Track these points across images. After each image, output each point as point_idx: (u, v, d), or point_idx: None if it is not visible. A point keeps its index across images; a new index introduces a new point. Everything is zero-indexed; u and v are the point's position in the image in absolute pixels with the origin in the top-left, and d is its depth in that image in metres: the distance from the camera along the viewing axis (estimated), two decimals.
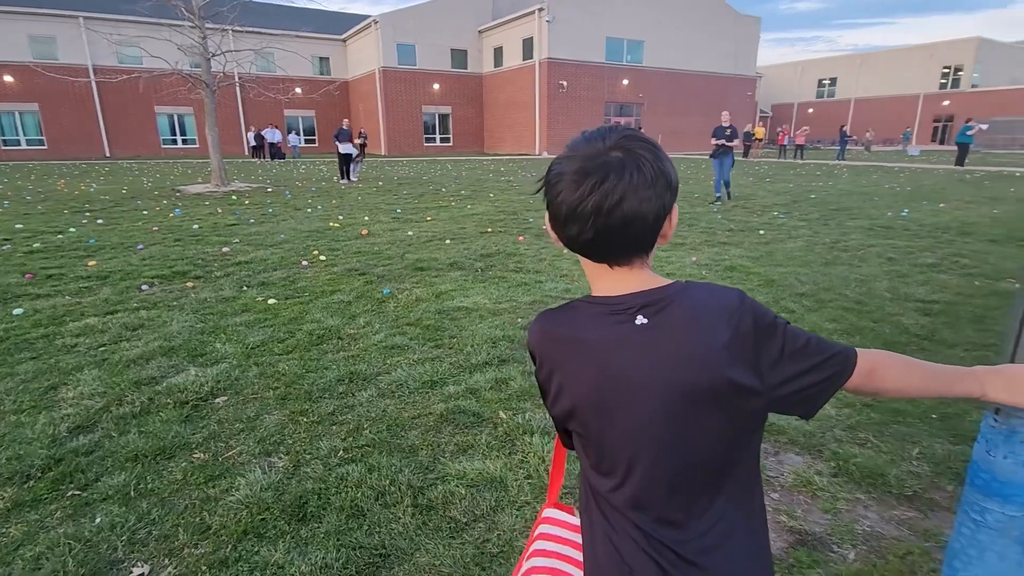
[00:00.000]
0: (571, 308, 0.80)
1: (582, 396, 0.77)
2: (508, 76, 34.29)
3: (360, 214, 9.09)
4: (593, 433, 0.77)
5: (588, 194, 0.70)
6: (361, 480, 2.12)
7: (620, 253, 0.74)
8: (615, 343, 0.74)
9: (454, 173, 18.46)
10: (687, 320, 0.73)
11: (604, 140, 0.72)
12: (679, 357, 0.72)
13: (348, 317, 4.00)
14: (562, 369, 0.78)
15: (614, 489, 0.78)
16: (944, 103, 41.77)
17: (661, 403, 0.72)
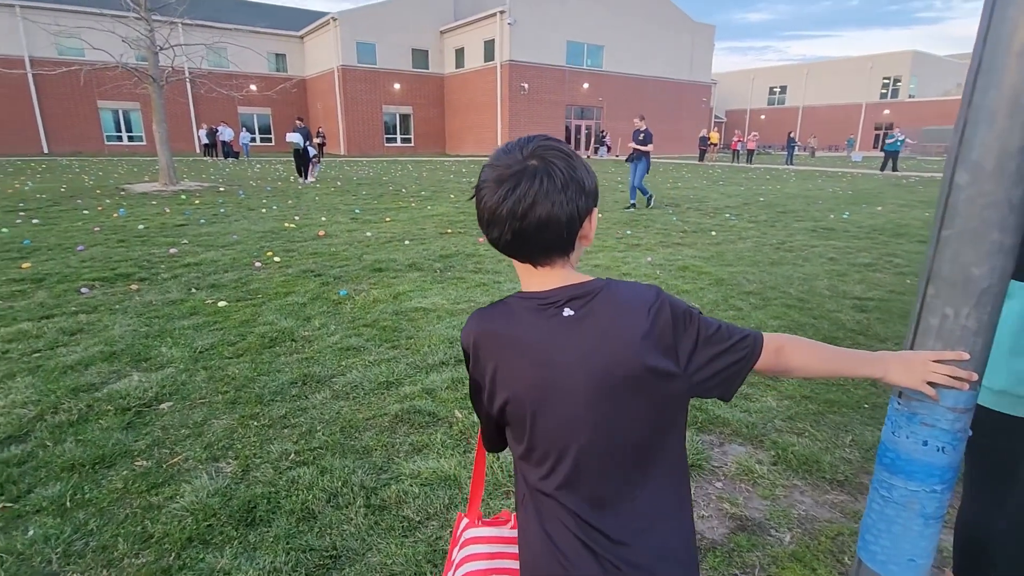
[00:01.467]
0: (503, 305, 0.84)
1: (518, 386, 0.80)
2: (470, 77, 34.24)
3: (317, 215, 8.91)
4: (527, 421, 0.81)
5: (503, 199, 0.75)
6: (313, 483, 2.10)
7: (540, 254, 0.79)
8: (546, 334, 0.79)
9: (415, 174, 18.31)
10: (610, 312, 0.79)
11: (522, 150, 0.77)
12: (604, 344, 0.77)
13: (303, 319, 3.93)
14: (498, 363, 0.82)
15: (546, 475, 0.82)
16: (885, 112, 44.06)
17: (589, 387, 0.77)
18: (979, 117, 0.81)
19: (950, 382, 0.85)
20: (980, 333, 0.87)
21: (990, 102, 0.80)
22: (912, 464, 0.96)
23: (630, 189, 10.16)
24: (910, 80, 44.43)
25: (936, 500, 0.96)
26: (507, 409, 0.83)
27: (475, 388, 0.88)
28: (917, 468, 0.96)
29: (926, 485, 0.95)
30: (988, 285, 0.84)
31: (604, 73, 34.53)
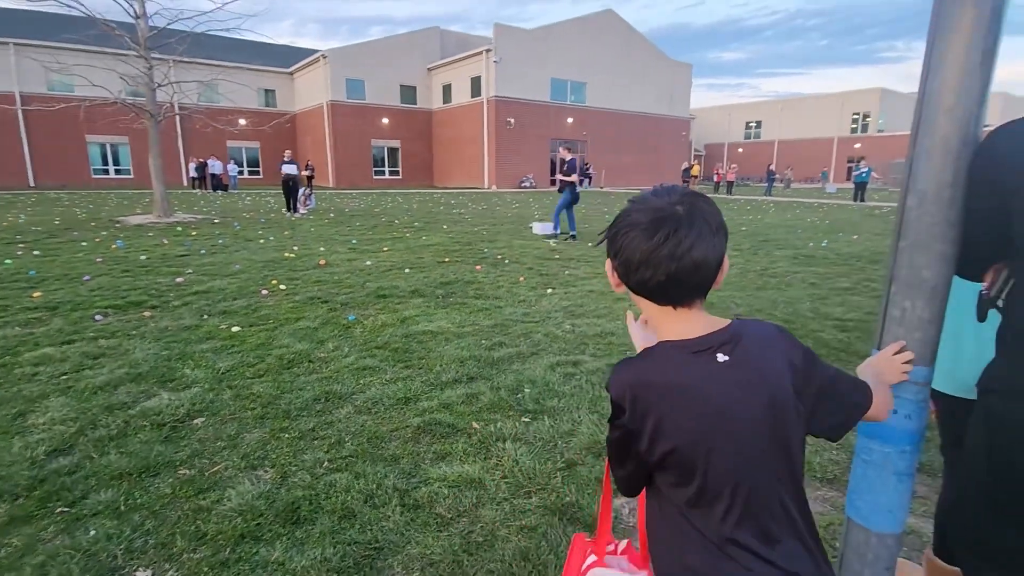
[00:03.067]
0: (653, 355, 0.87)
1: (685, 436, 0.82)
2: (457, 112, 35.14)
3: (315, 245, 9.11)
4: (698, 467, 0.82)
5: (663, 242, 0.79)
6: (349, 486, 2.26)
7: (686, 295, 0.84)
8: (707, 381, 0.82)
9: (405, 205, 18.64)
10: (757, 351, 0.85)
11: (669, 196, 0.83)
12: (763, 381, 0.83)
13: (316, 342, 4.10)
14: (661, 413, 0.83)
15: (722, 517, 0.83)
16: (856, 146, 45.88)
17: (758, 426, 0.82)
18: (921, 156, 1.08)
19: (909, 367, 1.10)
20: (932, 321, 1.12)
21: (928, 146, 1.07)
22: (886, 430, 1.20)
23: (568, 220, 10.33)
24: (879, 115, 46.50)
25: (906, 459, 1.19)
26: (671, 458, 0.83)
27: (629, 438, 0.87)
28: (890, 433, 1.19)
29: (897, 447, 1.19)
30: (935, 284, 1.10)
31: (587, 108, 35.68)
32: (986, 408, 1.01)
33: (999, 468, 1.00)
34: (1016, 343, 0.98)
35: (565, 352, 3.93)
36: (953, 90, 1.03)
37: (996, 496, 1.02)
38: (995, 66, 1.02)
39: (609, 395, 0.89)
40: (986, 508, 1.04)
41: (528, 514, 2.12)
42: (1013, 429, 0.96)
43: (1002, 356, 1.02)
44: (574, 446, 2.63)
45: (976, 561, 1.08)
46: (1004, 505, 1.01)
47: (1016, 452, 0.96)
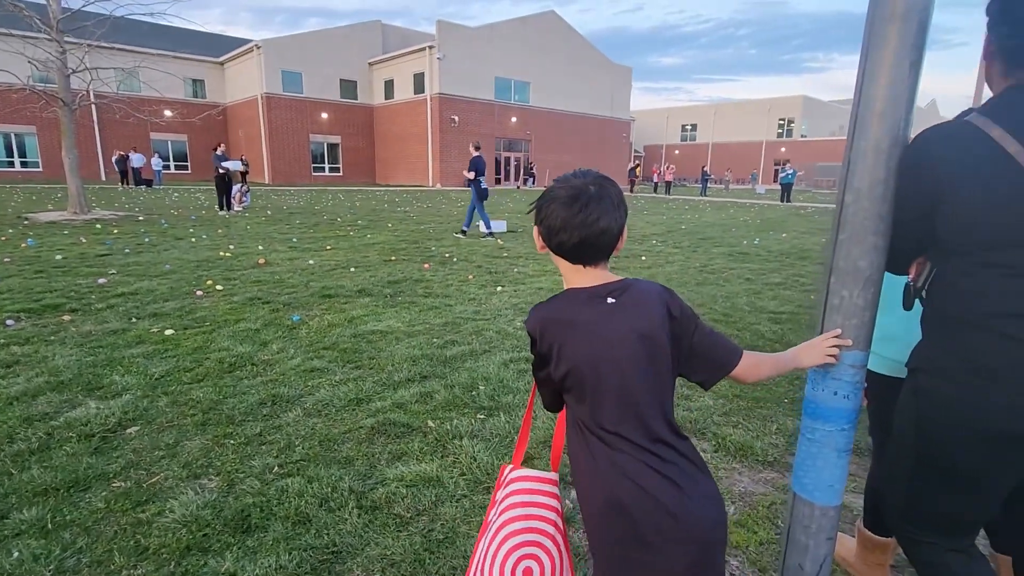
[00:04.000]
0: (560, 298, 1.11)
1: (580, 358, 1.05)
2: (399, 109, 34.55)
3: (253, 243, 8.72)
4: (589, 382, 1.05)
5: (577, 212, 1.03)
6: (302, 491, 2.19)
7: (594, 256, 1.06)
8: (597, 316, 1.05)
9: (347, 203, 18.16)
10: (638, 298, 1.08)
11: (584, 177, 1.07)
12: (638, 318, 1.05)
13: (259, 344, 3.94)
14: (561, 341, 1.06)
15: (610, 418, 1.05)
16: (782, 149, 48.70)
17: (634, 350, 1.04)
18: (857, 156, 1.17)
19: (836, 350, 1.21)
20: (867, 308, 1.21)
21: (863, 146, 1.16)
22: (827, 411, 1.29)
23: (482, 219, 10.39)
24: (801, 122, 49.55)
25: (845, 437, 1.29)
26: (569, 375, 1.06)
27: (541, 363, 1.12)
28: (830, 413, 1.28)
29: (837, 425, 1.28)
30: (870, 274, 1.19)
31: (531, 108, 35.96)
32: (915, 385, 1.11)
33: (927, 438, 1.10)
34: (939, 327, 1.09)
35: (517, 349, 3.96)
36: (884, 96, 1.12)
37: (925, 465, 1.12)
38: (920, 76, 1.12)
39: (526, 329, 1.12)
40: (917, 477, 1.14)
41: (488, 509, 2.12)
42: (937, 403, 1.06)
43: (928, 338, 1.12)
44: (530, 441, 2.66)
45: (912, 528, 1.18)
46: (933, 472, 1.11)
47: (940, 423, 1.06)
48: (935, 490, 1.12)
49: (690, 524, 1.02)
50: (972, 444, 1.03)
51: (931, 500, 1.13)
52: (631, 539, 1.04)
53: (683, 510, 1.02)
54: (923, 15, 1.07)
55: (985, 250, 0.99)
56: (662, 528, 1.02)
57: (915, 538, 1.17)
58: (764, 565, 1.92)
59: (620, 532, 1.05)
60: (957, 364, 1.02)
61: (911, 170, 1.09)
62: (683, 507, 1.02)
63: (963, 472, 1.07)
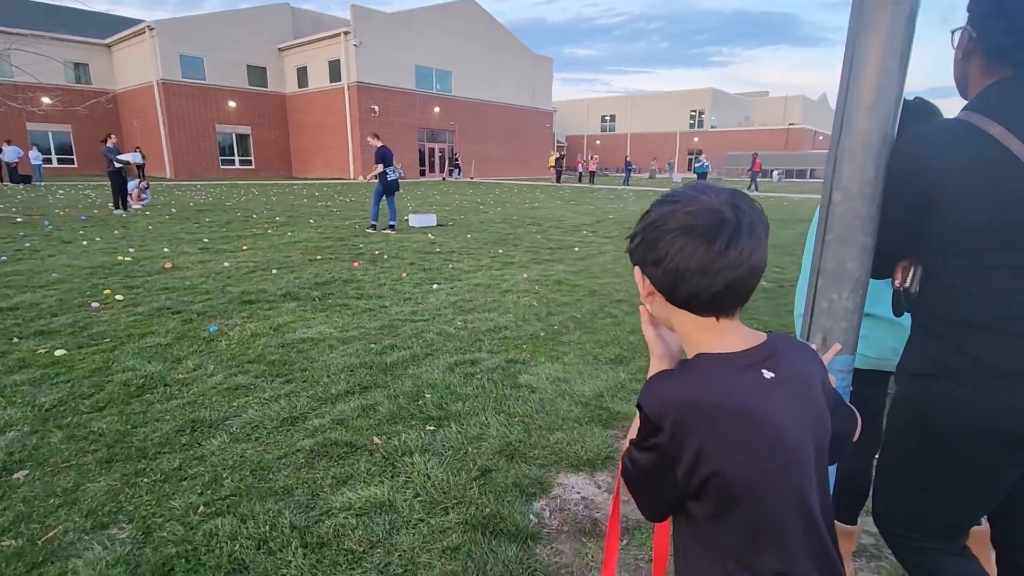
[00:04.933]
0: (695, 369, 0.77)
1: (733, 462, 0.72)
2: (315, 97, 32.91)
3: (157, 245, 7.92)
4: (747, 502, 0.73)
5: (724, 249, 0.70)
6: (235, 532, 1.94)
7: (736, 305, 0.76)
8: (758, 401, 0.73)
9: (262, 198, 17.05)
10: (800, 367, 0.78)
11: (718, 195, 0.74)
12: (808, 407, 0.76)
13: (172, 361, 3.52)
14: (704, 437, 0.72)
15: (785, 558, 0.74)
16: (694, 140, 51.13)
17: (810, 453, 0.74)
18: (844, 154, 1.12)
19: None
20: (855, 311, 1.17)
21: (850, 144, 1.11)
22: None
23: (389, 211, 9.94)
24: (711, 113, 52.28)
25: None
26: (712, 483, 0.73)
27: (666, 463, 0.75)
28: None
29: None
30: (859, 275, 1.15)
31: (454, 98, 35.45)
32: (921, 388, 1.08)
33: (937, 442, 1.07)
34: (941, 329, 1.06)
35: (461, 351, 3.80)
36: (873, 89, 1.07)
37: (933, 469, 1.10)
38: (908, 68, 1.07)
39: (642, 412, 0.75)
40: (924, 483, 1.12)
41: (448, 533, 1.97)
42: (949, 406, 1.03)
43: (927, 341, 1.09)
44: (486, 451, 2.52)
45: (913, 535, 1.16)
46: (941, 477, 1.09)
47: (952, 426, 1.03)
48: (943, 494, 1.10)
49: None
50: (984, 446, 1.02)
51: (938, 505, 1.12)
52: None
53: None
54: (914, 1, 1.03)
55: (990, 251, 0.96)
56: None
57: (915, 545, 1.16)
58: None
59: None
60: (968, 366, 1.00)
61: (905, 170, 1.05)
62: None
63: (973, 474, 1.06)
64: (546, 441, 2.62)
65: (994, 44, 1.01)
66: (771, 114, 57.33)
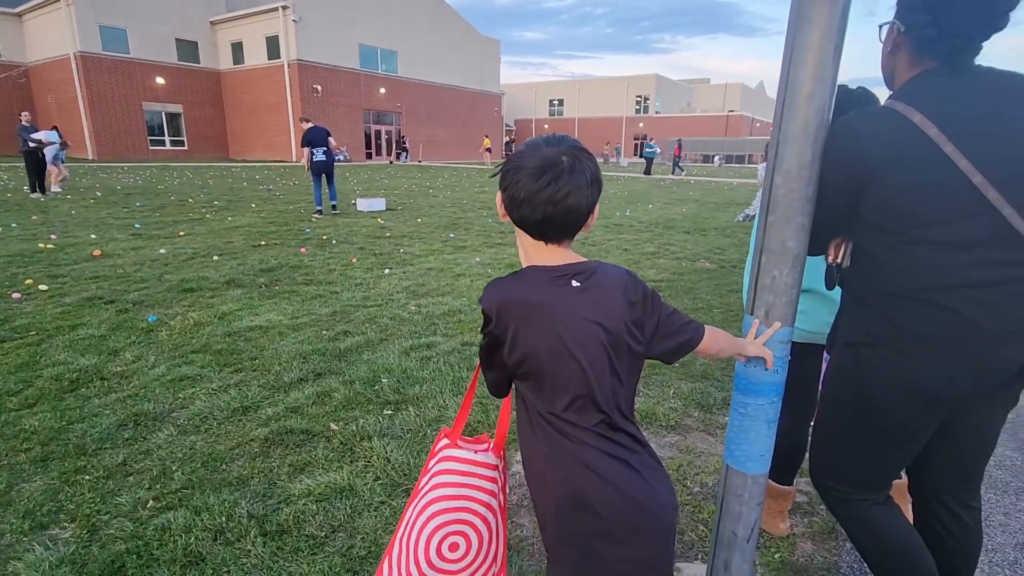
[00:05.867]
0: (519, 277, 1.00)
1: (539, 344, 0.96)
2: (252, 75, 31.31)
3: (82, 231, 7.41)
4: (548, 369, 0.97)
5: (544, 186, 0.91)
6: (189, 525, 1.89)
7: (558, 234, 0.97)
8: (561, 300, 0.97)
9: (198, 181, 16.18)
10: (604, 284, 1.00)
11: (558, 146, 0.95)
12: (602, 306, 0.98)
13: (108, 353, 3.34)
14: (519, 324, 0.97)
15: (565, 407, 0.98)
16: (640, 125, 52.17)
17: (595, 339, 0.97)
18: (786, 139, 1.19)
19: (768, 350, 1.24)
20: (794, 286, 1.26)
21: (791, 130, 1.18)
22: (758, 385, 1.33)
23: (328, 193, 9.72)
24: (655, 99, 53.37)
25: (774, 408, 1.35)
26: (525, 362, 0.98)
27: (494, 345, 1.01)
28: (761, 387, 1.33)
29: (767, 398, 1.33)
30: (797, 253, 1.24)
31: (400, 79, 34.58)
32: (854, 356, 1.18)
33: (869, 404, 1.18)
34: (872, 301, 1.16)
35: (416, 335, 3.79)
36: (811, 78, 1.14)
37: (865, 429, 1.21)
38: (841, 60, 1.15)
39: (481, 307, 1.00)
40: (856, 441, 1.23)
41: None
42: (882, 371, 1.13)
43: (859, 312, 1.19)
44: None
45: (845, 488, 1.28)
46: (872, 435, 1.20)
47: (884, 390, 1.14)
48: (872, 451, 1.21)
49: (656, 514, 1.02)
50: (907, 405, 1.13)
51: (866, 460, 1.23)
52: (596, 533, 1.00)
53: (651, 501, 1.01)
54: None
55: (912, 228, 1.06)
56: (631, 521, 1.00)
57: (846, 497, 1.27)
58: (682, 527, 2.02)
59: (584, 527, 1.01)
60: (899, 335, 1.10)
61: (839, 154, 1.13)
62: (650, 497, 1.01)
63: (896, 431, 1.17)
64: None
65: (920, 38, 1.10)
66: (712, 101, 59.13)
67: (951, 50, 1.07)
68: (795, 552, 1.90)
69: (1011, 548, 1.95)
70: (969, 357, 1.05)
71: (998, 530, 2.04)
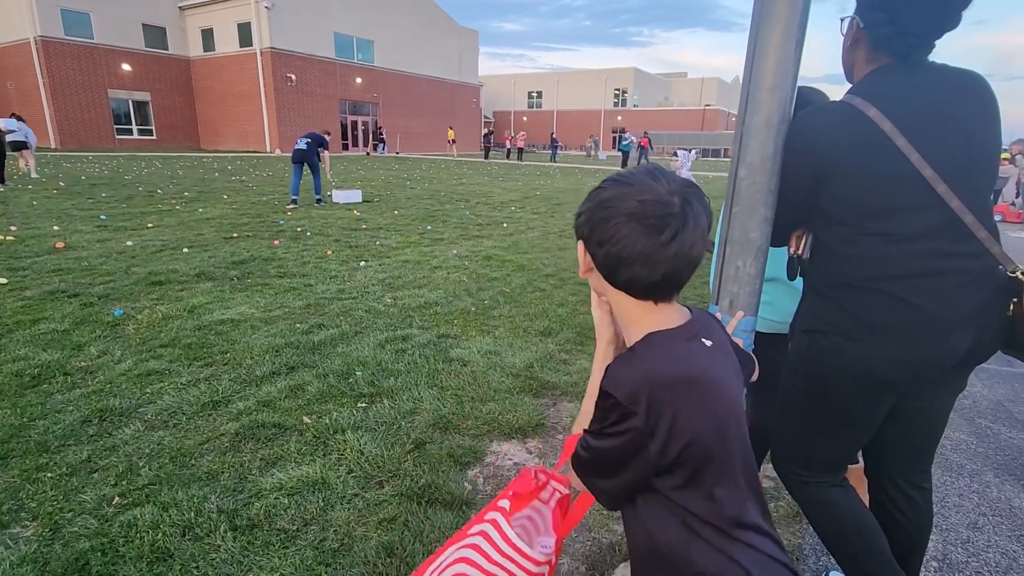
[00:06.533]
0: (653, 346, 0.78)
1: (702, 427, 0.75)
2: (223, 63, 30.50)
3: (44, 223, 7.16)
4: (717, 458, 0.77)
5: (668, 242, 0.73)
6: (156, 521, 1.86)
7: (672, 292, 0.80)
8: (710, 367, 0.78)
9: (167, 171, 15.74)
10: (723, 339, 0.87)
11: (669, 184, 0.75)
12: (736, 368, 0.86)
13: (71, 348, 3.25)
14: (675, 409, 0.74)
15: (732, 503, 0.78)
16: (618, 118, 52.41)
17: (743, 406, 0.84)
18: (750, 132, 1.22)
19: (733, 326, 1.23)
20: (757, 276, 1.29)
21: (755, 122, 1.21)
22: None
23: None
24: (633, 92, 53.63)
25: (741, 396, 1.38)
26: (686, 453, 0.75)
27: (639, 442, 0.75)
28: None
29: None
30: (760, 244, 1.27)
31: (377, 69, 34.07)
32: (810, 343, 1.22)
33: (823, 390, 1.22)
34: (828, 290, 1.19)
35: (391, 327, 3.77)
36: (774, 71, 1.17)
37: (820, 414, 1.25)
38: (803, 53, 1.18)
39: (610, 399, 0.75)
40: (811, 425, 1.27)
41: (384, 505, 1.99)
42: (835, 358, 1.17)
43: (816, 301, 1.22)
44: (419, 424, 2.55)
45: (803, 471, 1.32)
46: (826, 420, 1.24)
47: (837, 376, 1.18)
48: (827, 434, 1.26)
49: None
50: (860, 390, 1.17)
51: (822, 444, 1.27)
52: None
53: None
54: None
55: (866, 219, 1.09)
56: None
57: (805, 480, 1.31)
58: None
59: None
60: (852, 323, 1.13)
61: (799, 146, 1.16)
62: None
63: (851, 415, 1.22)
64: (479, 412, 2.68)
65: (877, 34, 1.13)
66: (688, 95, 59.66)
67: (906, 47, 1.10)
68: None
69: (964, 527, 2.03)
70: (917, 344, 1.10)
71: (952, 510, 2.13)
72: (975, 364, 1.17)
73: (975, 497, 2.22)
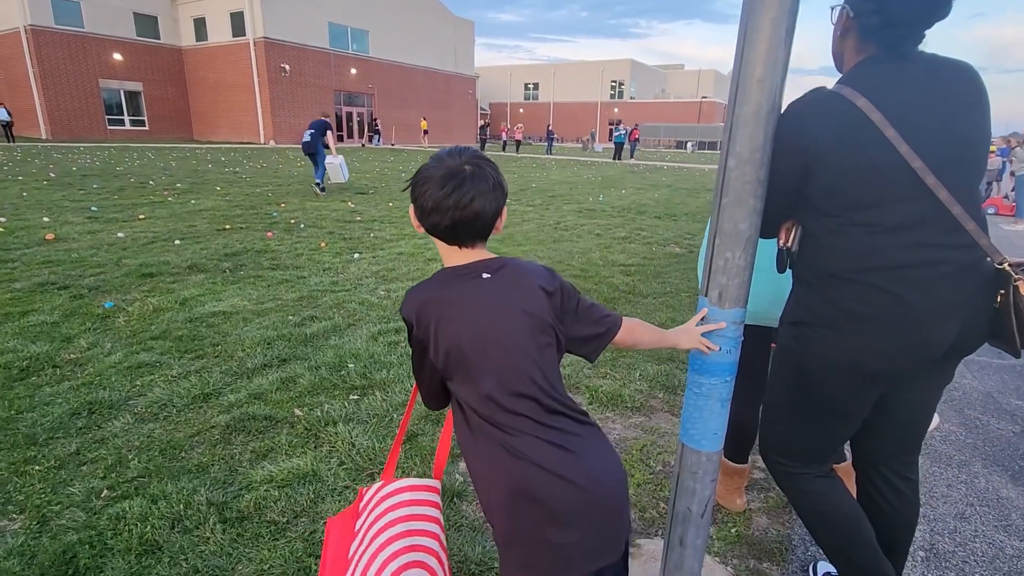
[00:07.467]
0: (433, 279, 1.05)
1: (460, 334, 0.99)
2: (216, 53, 30.19)
3: (33, 214, 7.10)
4: (473, 360, 0.99)
5: (449, 194, 0.97)
6: (145, 513, 1.85)
7: (468, 238, 1.02)
8: (475, 291, 1.02)
9: (159, 163, 15.61)
10: (516, 275, 1.05)
11: (460, 156, 1.01)
12: (518, 293, 1.03)
13: (61, 340, 3.23)
14: (438, 320, 1.00)
15: (496, 398, 0.99)
16: (615, 110, 52.22)
17: (516, 321, 1.01)
18: (739, 123, 1.20)
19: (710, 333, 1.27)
20: (746, 268, 1.28)
21: (744, 113, 1.19)
22: (712, 365, 1.36)
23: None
24: (630, 84, 53.44)
25: (727, 388, 1.38)
26: (451, 356, 1.00)
27: (421, 350, 1.04)
28: (715, 367, 1.36)
29: (721, 378, 1.36)
30: (750, 235, 1.26)
31: (372, 59, 33.79)
32: (797, 335, 1.21)
33: (810, 381, 1.22)
34: (815, 281, 1.19)
35: (384, 320, 3.76)
36: (763, 61, 1.15)
37: (807, 405, 1.25)
38: (792, 43, 1.16)
39: (402, 316, 1.04)
40: (798, 416, 1.27)
41: None
42: (822, 349, 1.17)
43: (804, 293, 1.22)
44: (411, 417, 2.54)
45: (789, 462, 1.32)
46: (813, 411, 1.24)
47: (824, 367, 1.18)
48: (813, 425, 1.26)
49: (599, 493, 1.02)
50: (846, 382, 1.17)
51: (809, 434, 1.27)
52: (543, 521, 1.01)
53: (590, 481, 1.01)
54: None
55: (851, 211, 1.08)
56: (573, 504, 1.00)
57: (791, 470, 1.32)
58: (643, 505, 2.07)
59: (530, 517, 1.01)
60: (837, 314, 1.13)
61: (788, 137, 1.15)
62: (589, 478, 1.01)
63: (837, 406, 1.22)
64: None
65: (865, 24, 1.11)
66: (686, 87, 59.50)
67: (894, 37, 1.09)
68: (751, 526, 1.97)
69: (951, 518, 2.05)
70: (902, 336, 1.09)
71: (940, 501, 2.15)
72: (962, 356, 1.17)
73: (963, 487, 2.24)
